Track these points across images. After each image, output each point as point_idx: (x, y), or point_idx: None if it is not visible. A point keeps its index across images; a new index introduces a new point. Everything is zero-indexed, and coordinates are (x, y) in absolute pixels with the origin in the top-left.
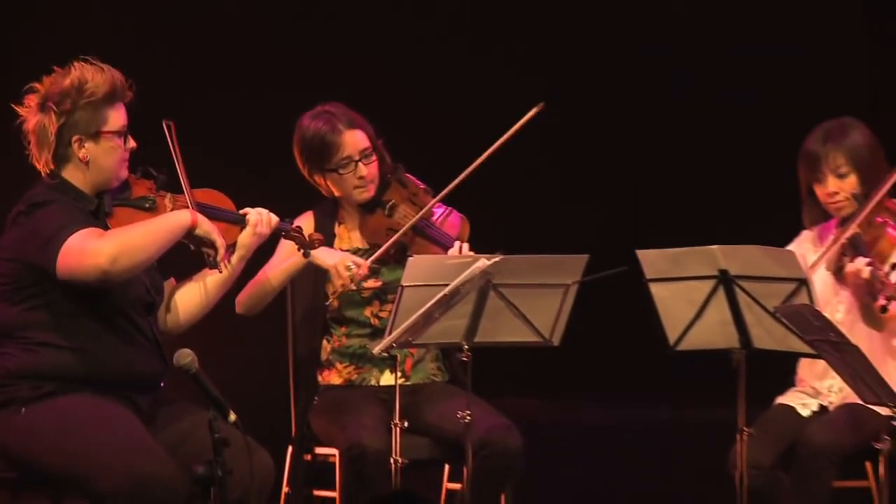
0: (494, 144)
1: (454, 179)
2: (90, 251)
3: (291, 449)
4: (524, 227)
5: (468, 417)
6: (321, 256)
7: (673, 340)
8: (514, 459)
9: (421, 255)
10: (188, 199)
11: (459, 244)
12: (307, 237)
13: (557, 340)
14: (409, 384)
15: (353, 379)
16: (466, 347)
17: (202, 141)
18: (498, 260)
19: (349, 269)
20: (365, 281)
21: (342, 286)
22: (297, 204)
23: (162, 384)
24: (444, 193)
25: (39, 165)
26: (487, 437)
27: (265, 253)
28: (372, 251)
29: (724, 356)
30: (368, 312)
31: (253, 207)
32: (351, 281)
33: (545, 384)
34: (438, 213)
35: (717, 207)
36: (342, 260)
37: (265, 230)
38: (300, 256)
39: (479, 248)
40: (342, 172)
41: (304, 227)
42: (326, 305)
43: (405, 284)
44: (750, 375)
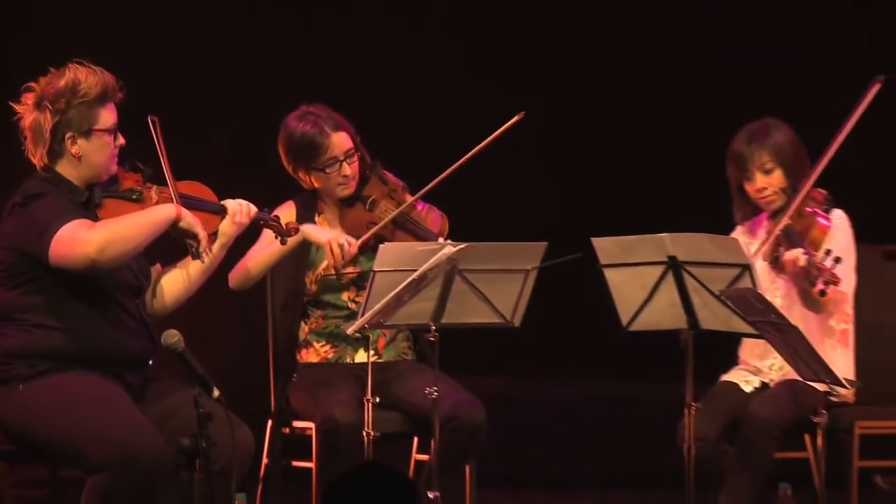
0: (473, 150)
1: (433, 178)
2: (81, 241)
3: (271, 423)
4: (488, 216)
5: (435, 393)
6: (315, 233)
7: (625, 322)
8: (478, 433)
9: (391, 243)
10: (172, 191)
11: (440, 240)
12: (284, 226)
13: (518, 322)
14: (381, 362)
15: (329, 357)
16: (434, 328)
17: (186, 134)
18: (463, 247)
19: (341, 245)
20: (344, 267)
21: (333, 264)
22: (275, 194)
23: (150, 362)
24: (424, 191)
25: (35, 160)
26: (453, 411)
27: (249, 239)
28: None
29: (673, 336)
30: (346, 297)
31: (233, 199)
32: (342, 257)
33: (507, 362)
34: (420, 208)
35: (663, 199)
36: (336, 237)
37: (244, 220)
38: (276, 247)
39: (451, 237)
40: (328, 171)
41: (285, 215)
42: (304, 285)
43: (376, 269)
44: (697, 354)
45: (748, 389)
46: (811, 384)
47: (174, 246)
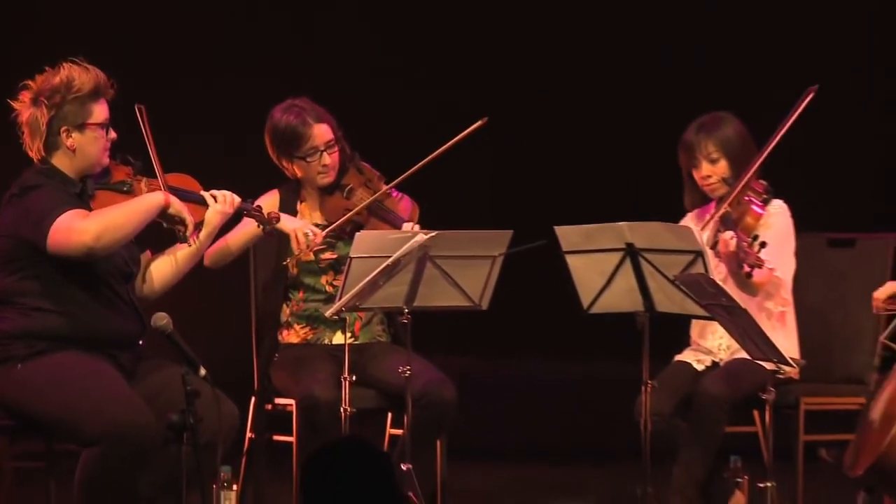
0: (439, 149)
1: (407, 169)
2: (77, 230)
3: (254, 400)
4: (458, 206)
5: (408, 372)
6: (284, 223)
7: (586, 305)
8: (448, 409)
9: (367, 231)
10: (161, 182)
11: (411, 225)
12: (266, 215)
13: (486, 304)
14: (357, 343)
15: (308, 338)
16: (407, 311)
17: (175, 127)
18: (434, 235)
19: (307, 235)
20: (322, 254)
21: (298, 250)
22: (259, 183)
23: (140, 343)
24: (394, 183)
25: (32, 153)
26: (425, 389)
27: (232, 225)
28: (330, 226)
29: (630, 318)
30: (324, 280)
31: (218, 190)
32: (307, 246)
33: (476, 343)
34: (394, 195)
35: (621, 189)
36: (301, 227)
37: (229, 209)
38: (253, 230)
39: (422, 226)
40: (309, 160)
41: (270, 203)
42: (284, 264)
43: (353, 256)
44: (653, 335)
45: (700, 368)
46: (759, 363)
47: (163, 234)
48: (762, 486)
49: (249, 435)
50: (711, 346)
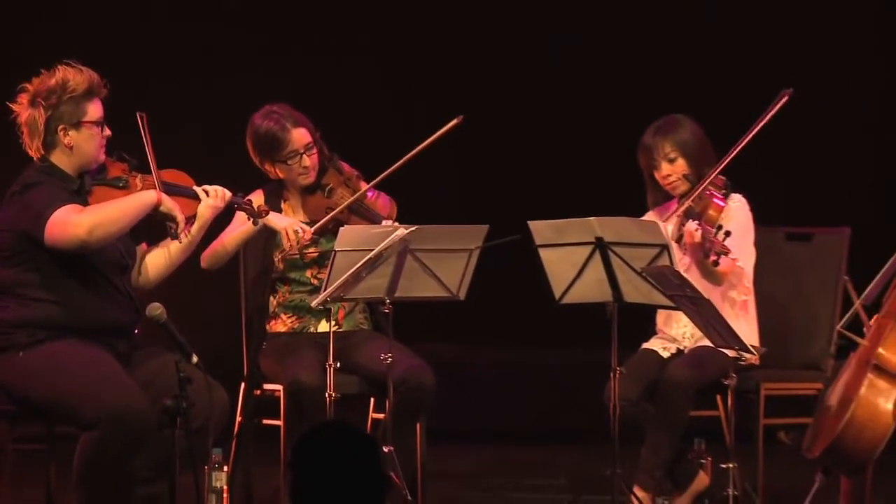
0: (417, 148)
1: (385, 168)
2: (71, 224)
3: (244, 385)
4: (437, 202)
5: (390, 359)
6: (274, 220)
7: (558, 295)
8: (427, 394)
9: (351, 226)
10: (155, 178)
11: (390, 222)
12: (256, 209)
13: (463, 295)
14: (341, 331)
15: (295, 327)
16: (388, 301)
17: (171, 127)
18: (414, 229)
19: (297, 232)
20: (307, 249)
21: (289, 247)
22: (247, 181)
23: (136, 331)
24: (374, 182)
25: (31, 151)
26: (405, 375)
27: (224, 221)
28: (312, 225)
29: (600, 308)
30: (309, 274)
31: (210, 185)
32: (297, 243)
33: (454, 331)
34: (370, 195)
35: (591, 186)
36: (291, 224)
37: (220, 204)
38: (247, 227)
39: (400, 220)
40: (290, 163)
41: (254, 201)
42: (277, 260)
43: (337, 249)
44: (621, 324)
45: (666, 355)
46: (722, 350)
47: (158, 228)
48: (725, 466)
49: (239, 419)
50: (676, 334)
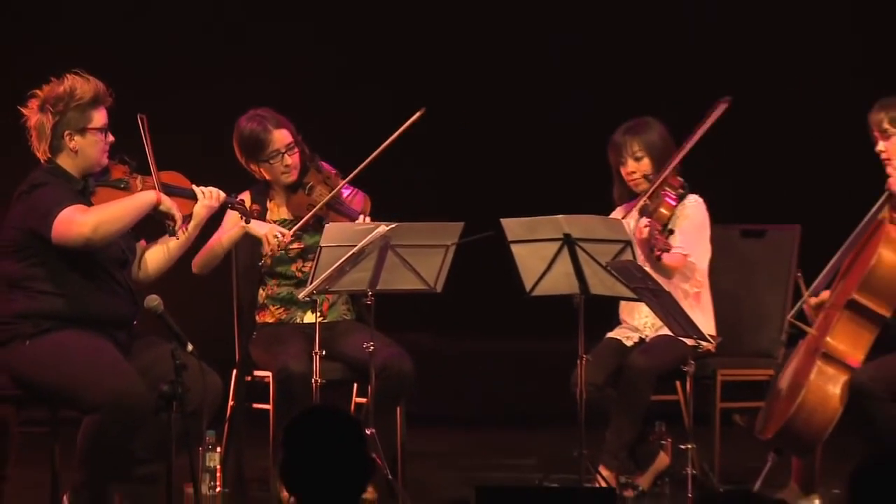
0: (386, 142)
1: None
2: (77, 222)
3: (235, 372)
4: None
5: (371, 347)
6: (255, 228)
7: (528, 288)
8: (407, 380)
9: (335, 223)
10: (155, 180)
11: (363, 217)
12: (248, 208)
13: (440, 288)
14: (326, 322)
15: (282, 318)
16: (370, 293)
17: (170, 130)
18: (394, 226)
19: (276, 237)
20: (291, 245)
21: (270, 250)
22: (239, 181)
23: (135, 322)
24: (348, 179)
25: (39, 154)
26: (386, 362)
27: (216, 220)
28: (295, 222)
29: (567, 300)
30: (294, 268)
31: (206, 186)
32: (278, 246)
33: (431, 322)
34: (347, 192)
35: (560, 186)
36: (271, 230)
37: (214, 204)
38: (240, 228)
39: (380, 217)
40: (272, 162)
41: (244, 200)
42: (261, 264)
43: (323, 245)
44: (587, 315)
45: (629, 344)
46: (681, 339)
47: (157, 225)
48: (684, 447)
49: (231, 403)
50: (638, 324)
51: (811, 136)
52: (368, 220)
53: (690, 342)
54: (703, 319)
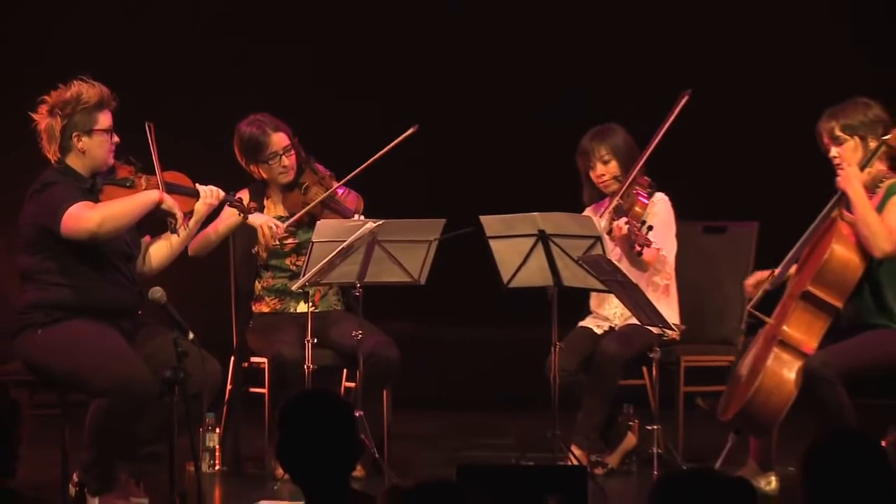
0: (380, 152)
1: (354, 168)
2: (84, 218)
3: (233, 358)
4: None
5: (360, 335)
6: (251, 218)
7: (506, 280)
8: (393, 366)
9: (326, 220)
10: (158, 179)
11: (357, 216)
12: (246, 205)
13: (424, 280)
14: (317, 312)
15: (277, 308)
16: (359, 285)
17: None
18: (381, 223)
19: (271, 227)
20: (286, 240)
21: (265, 240)
22: (238, 179)
23: (139, 312)
24: (342, 182)
25: (49, 155)
26: (373, 349)
27: (216, 216)
28: (292, 218)
29: (542, 291)
30: (288, 261)
31: (206, 185)
32: (272, 237)
33: (415, 311)
34: (341, 192)
35: (535, 185)
36: (266, 221)
37: (214, 201)
38: (236, 217)
39: (368, 214)
40: (270, 163)
41: (243, 198)
42: (254, 251)
43: (315, 241)
44: (560, 305)
45: (599, 332)
46: (647, 328)
47: (159, 222)
48: (650, 428)
49: (229, 387)
50: (608, 313)
51: (769, 139)
52: (362, 217)
53: (656, 330)
54: (668, 309)
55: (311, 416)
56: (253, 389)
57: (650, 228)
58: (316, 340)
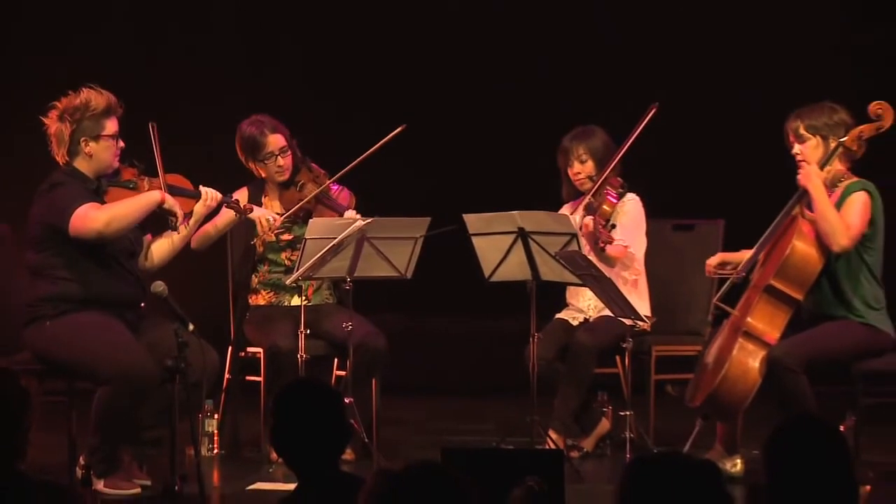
0: (369, 150)
1: (343, 168)
2: (90, 218)
3: (231, 349)
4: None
5: (350, 327)
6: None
7: (487, 274)
8: (381, 355)
9: (318, 218)
10: (161, 181)
11: (352, 212)
12: (242, 206)
13: (410, 274)
14: (310, 305)
15: (272, 301)
16: (349, 279)
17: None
18: (370, 221)
19: (268, 220)
20: (282, 234)
21: (262, 232)
22: (237, 178)
23: (142, 305)
24: (334, 178)
25: (58, 158)
26: (363, 340)
27: (214, 214)
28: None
29: (521, 285)
30: (283, 256)
31: (205, 187)
32: (269, 229)
33: (402, 304)
34: (334, 189)
35: (515, 185)
36: (264, 214)
37: (212, 203)
38: (235, 215)
39: (360, 211)
40: (267, 162)
41: (241, 196)
42: (252, 243)
43: (307, 238)
44: (538, 298)
45: (575, 323)
46: (620, 319)
47: (160, 221)
48: (623, 414)
49: (227, 376)
50: (583, 306)
51: (734, 143)
52: (356, 213)
53: (628, 322)
54: (639, 302)
55: (302, 403)
56: (249, 378)
57: (613, 227)
58: (309, 332)
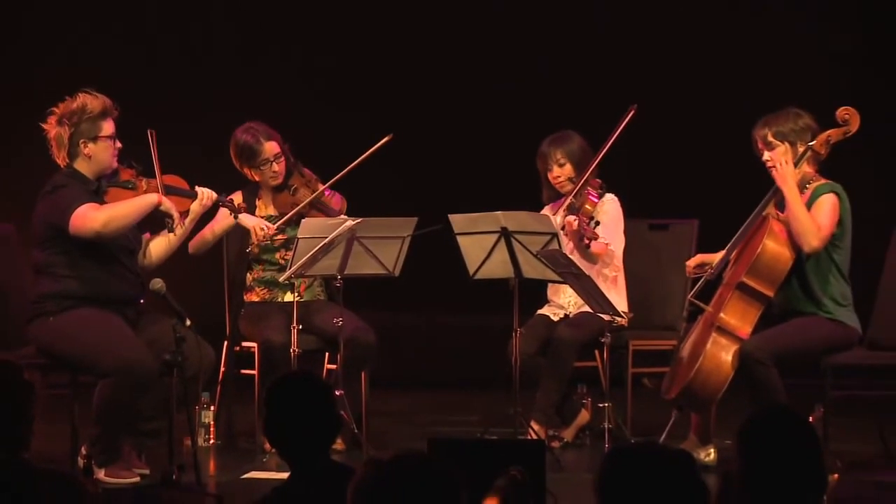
0: (359, 158)
1: (336, 172)
2: (90, 218)
3: (226, 343)
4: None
5: (340, 322)
6: (245, 221)
7: (472, 272)
8: (370, 350)
9: (310, 218)
10: (158, 182)
11: (342, 214)
12: (236, 206)
13: (398, 272)
14: (302, 301)
15: (266, 298)
16: (339, 277)
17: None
18: (359, 221)
19: (262, 229)
20: (276, 236)
21: (256, 240)
22: (232, 182)
23: (141, 301)
24: (328, 184)
25: (58, 160)
26: (353, 335)
27: (207, 216)
28: (280, 218)
29: (504, 282)
30: (277, 256)
31: (201, 187)
32: (264, 237)
33: (391, 300)
34: (327, 193)
35: (498, 187)
36: (258, 223)
37: (208, 203)
38: (230, 219)
39: (350, 212)
40: (262, 168)
41: (234, 199)
42: (248, 251)
43: (300, 237)
44: (521, 295)
45: (556, 319)
46: (599, 315)
47: (158, 221)
48: (602, 405)
49: (223, 369)
50: (563, 302)
51: (707, 146)
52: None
53: (607, 317)
54: (618, 299)
55: (294, 395)
56: (244, 371)
57: (597, 224)
58: (301, 327)
